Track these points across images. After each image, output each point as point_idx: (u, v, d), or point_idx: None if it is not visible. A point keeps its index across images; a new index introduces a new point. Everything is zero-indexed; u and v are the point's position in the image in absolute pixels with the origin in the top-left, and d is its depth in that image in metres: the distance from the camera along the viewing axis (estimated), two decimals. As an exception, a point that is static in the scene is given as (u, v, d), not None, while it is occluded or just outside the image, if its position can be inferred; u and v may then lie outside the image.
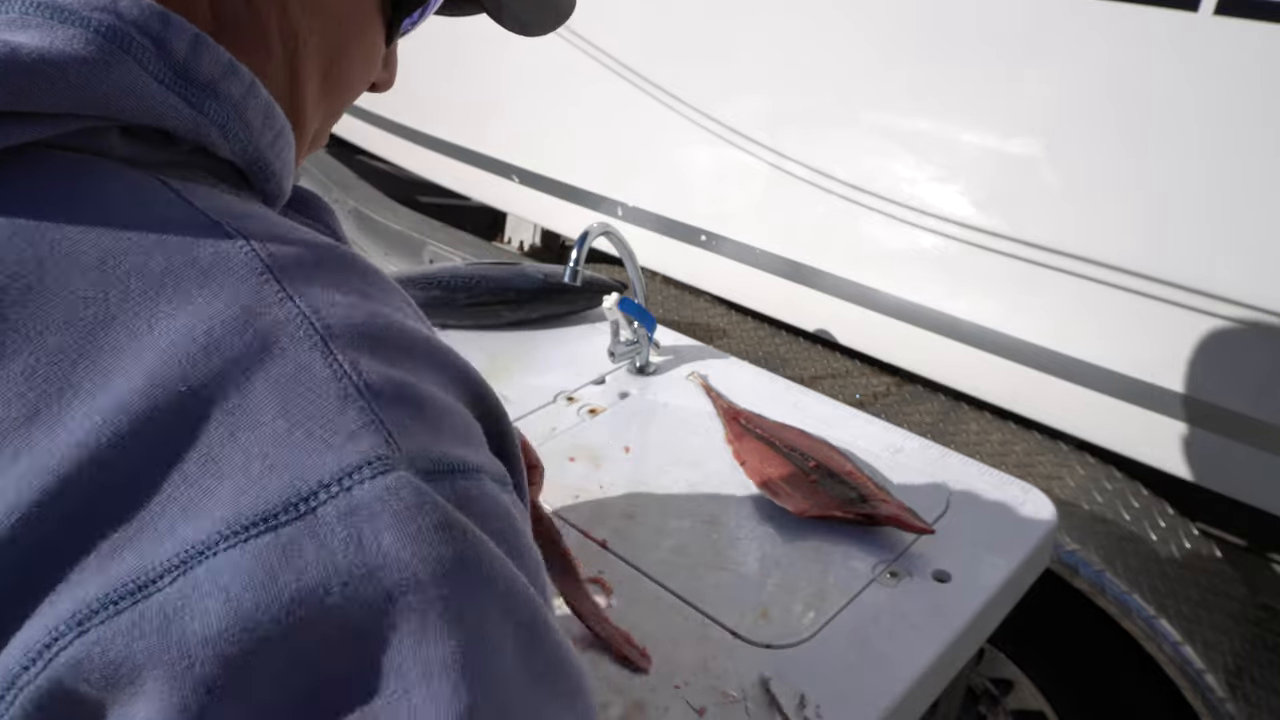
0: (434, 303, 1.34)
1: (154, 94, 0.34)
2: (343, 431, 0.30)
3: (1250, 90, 1.10)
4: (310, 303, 0.33)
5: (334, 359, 0.32)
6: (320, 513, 0.29)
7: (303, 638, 0.27)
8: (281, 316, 0.32)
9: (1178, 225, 1.19)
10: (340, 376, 0.31)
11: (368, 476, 0.30)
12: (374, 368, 0.32)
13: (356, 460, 0.30)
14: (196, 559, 0.28)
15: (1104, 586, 1.19)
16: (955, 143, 1.37)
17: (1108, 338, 1.29)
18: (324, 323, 0.33)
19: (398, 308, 0.37)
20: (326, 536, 0.28)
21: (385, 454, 0.30)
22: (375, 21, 0.46)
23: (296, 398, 0.31)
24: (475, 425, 0.37)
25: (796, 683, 0.77)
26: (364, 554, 0.28)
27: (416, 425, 0.32)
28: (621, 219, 1.88)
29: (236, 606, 0.27)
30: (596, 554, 0.92)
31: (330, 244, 0.37)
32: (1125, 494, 1.34)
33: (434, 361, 0.36)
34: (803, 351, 1.67)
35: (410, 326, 0.36)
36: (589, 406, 1.19)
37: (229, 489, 0.29)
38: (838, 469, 1.01)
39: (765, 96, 1.60)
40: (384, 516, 0.29)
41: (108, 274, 0.31)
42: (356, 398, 0.31)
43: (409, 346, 0.35)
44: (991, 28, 1.29)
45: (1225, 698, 1.14)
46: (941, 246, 1.42)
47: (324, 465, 0.29)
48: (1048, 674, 1.38)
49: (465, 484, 0.33)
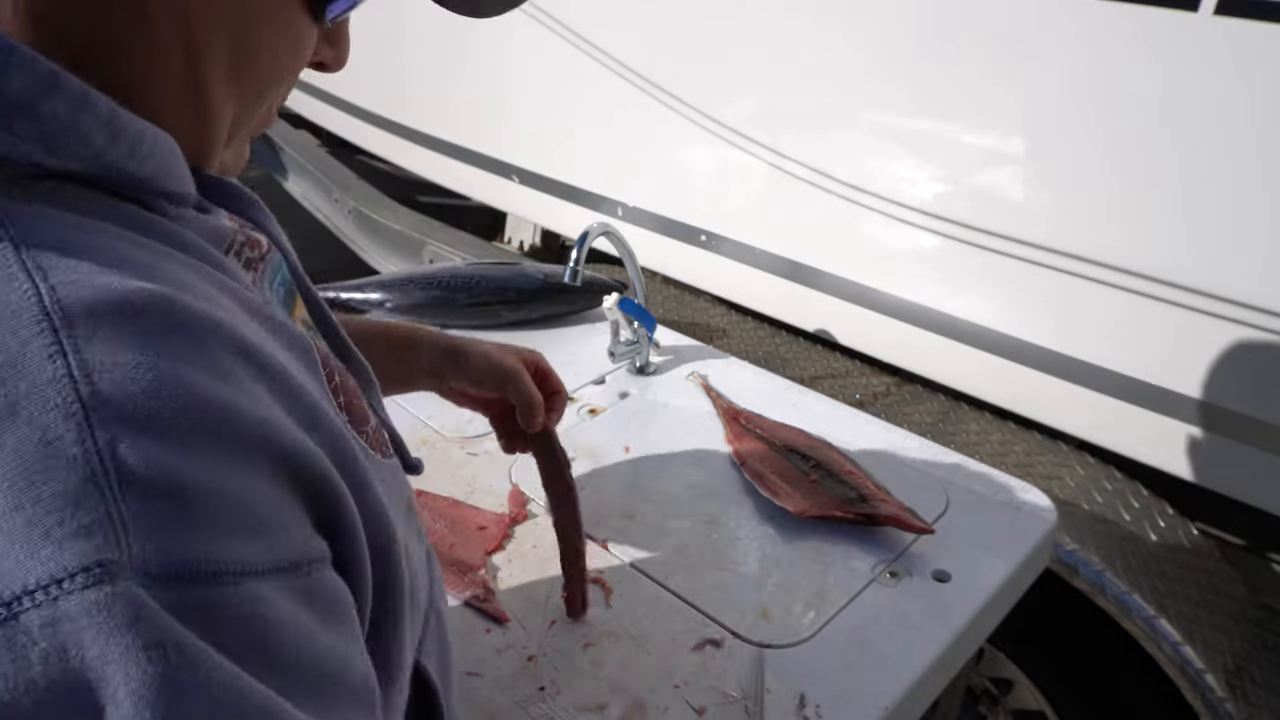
0: (434, 303, 1.35)
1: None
2: (69, 525, 0.27)
3: (1250, 90, 1.10)
4: (84, 362, 0.29)
5: (89, 435, 0.28)
6: (23, 620, 0.26)
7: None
8: (42, 378, 0.29)
9: (1177, 225, 1.19)
10: (89, 457, 0.28)
11: (78, 586, 0.27)
12: (137, 449, 0.29)
13: (73, 565, 0.27)
14: None
15: (1104, 586, 1.19)
16: (955, 143, 1.37)
17: (1108, 338, 1.29)
18: (92, 389, 0.29)
19: (213, 369, 0.33)
20: (25, 647, 0.26)
21: (109, 559, 0.27)
22: (290, 6, 0.42)
23: (31, 475, 0.27)
24: (275, 503, 0.33)
25: (796, 683, 0.77)
26: (65, 670, 0.26)
27: (167, 522, 0.29)
28: (621, 219, 1.88)
29: None
30: (597, 554, 0.92)
31: (164, 294, 0.33)
32: (1125, 494, 1.34)
33: (230, 436, 0.32)
34: (803, 351, 1.67)
35: (205, 398, 0.31)
36: (589, 406, 1.19)
37: None
38: (838, 469, 1.01)
39: (765, 96, 1.60)
40: (89, 631, 0.26)
41: None
42: (101, 485, 0.28)
43: (196, 424, 0.31)
44: (991, 28, 1.29)
45: (1225, 697, 1.14)
46: (941, 246, 1.42)
47: (35, 565, 0.27)
48: (1048, 674, 1.38)
49: (208, 592, 0.29)
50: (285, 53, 0.44)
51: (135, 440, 0.29)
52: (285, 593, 0.32)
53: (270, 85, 0.45)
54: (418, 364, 0.83)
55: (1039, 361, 1.36)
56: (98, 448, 0.28)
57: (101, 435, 0.29)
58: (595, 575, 0.89)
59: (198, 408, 0.31)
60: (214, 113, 0.42)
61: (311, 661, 0.32)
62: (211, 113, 0.42)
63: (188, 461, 0.30)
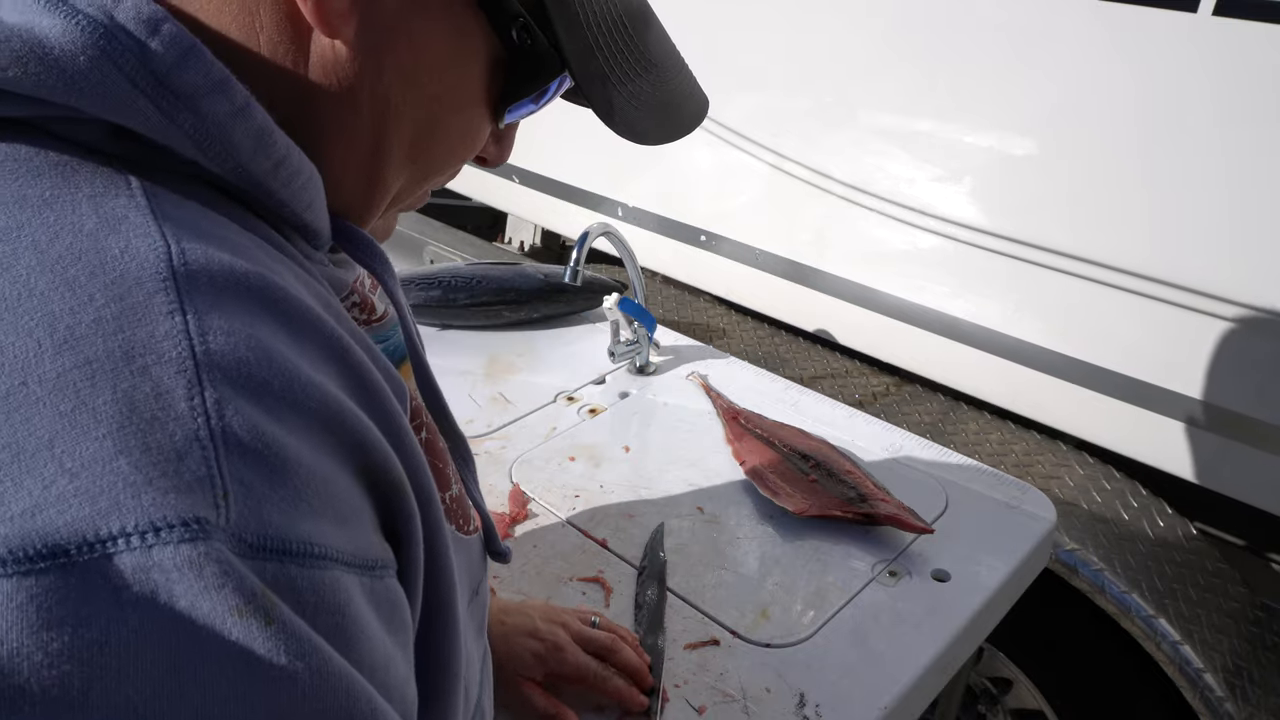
0: (434, 303, 1.35)
1: (123, 95, 0.33)
2: (172, 479, 0.27)
3: (1250, 90, 1.10)
4: (202, 324, 0.30)
5: (199, 393, 0.29)
6: (117, 561, 0.26)
7: (61, 693, 0.25)
8: (160, 330, 0.30)
9: (1177, 225, 1.19)
10: (197, 414, 0.29)
11: (175, 539, 0.27)
12: (243, 414, 0.30)
13: (172, 516, 0.27)
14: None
15: (1103, 586, 1.20)
16: (954, 143, 1.37)
17: (1107, 338, 1.29)
18: (206, 349, 0.30)
19: (310, 353, 0.34)
20: (116, 590, 0.26)
21: (206, 518, 0.28)
22: (478, 105, 0.45)
23: (140, 423, 0.28)
24: (356, 499, 0.34)
25: (796, 682, 0.78)
26: (151, 618, 0.26)
27: (266, 491, 0.29)
28: (621, 219, 1.89)
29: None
30: (597, 554, 0.93)
31: (261, 277, 0.34)
32: (1124, 493, 1.34)
33: (325, 424, 0.33)
34: (803, 351, 1.68)
35: (306, 382, 0.32)
36: (589, 406, 1.19)
37: (22, 502, 0.26)
38: (837, 469, 1.01)
39: (765, 97, 1.60)
40: (179, 585, 0.27)
41: (5, 241, 0.30)
42: (205, 444, 0.28)
43: (298, 403, 0.32)
44: (990, 28, 1.29)
45: (1224, 697, 1.15)
46: (941, 246, 1.43)
47: (136, 509, 0.27)
48: (1047, 673, 1.38)
49: (295, 570, 0.30)
50: (460, 144, 0.47)
51: (241, 406, 0.30)
52: (360, 589, 0.33)
53: (439, 170, 0.48)
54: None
55: (1039, 361, 1.36)
56: (205, 407, 0.29)
57: (210, 395, 0.29)
58: (595, 575, 0.89)
59: (300, 388, 0.32)
60: (385, 185, 0.45)
61: (375, 667, 0.32)
62: (383, 184, 0.45)
63: (288, 436, 0.31)
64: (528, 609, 0.78)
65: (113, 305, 0.30)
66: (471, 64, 0.44)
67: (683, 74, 0.53)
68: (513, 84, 0.45)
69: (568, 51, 0.44)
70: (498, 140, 0.51)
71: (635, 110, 0.48)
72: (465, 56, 0.43)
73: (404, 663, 0.35)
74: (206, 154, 0.35)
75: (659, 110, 0.50)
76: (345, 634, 0.31)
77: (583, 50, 0.45)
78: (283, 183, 0.38)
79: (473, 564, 0.51)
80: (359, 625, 0.32)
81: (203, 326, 0.30)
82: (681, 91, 0.53)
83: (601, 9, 0.46)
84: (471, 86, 0.44)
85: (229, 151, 0.36)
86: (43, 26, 0.32)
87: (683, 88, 0.53)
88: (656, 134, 0.51)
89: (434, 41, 0.42)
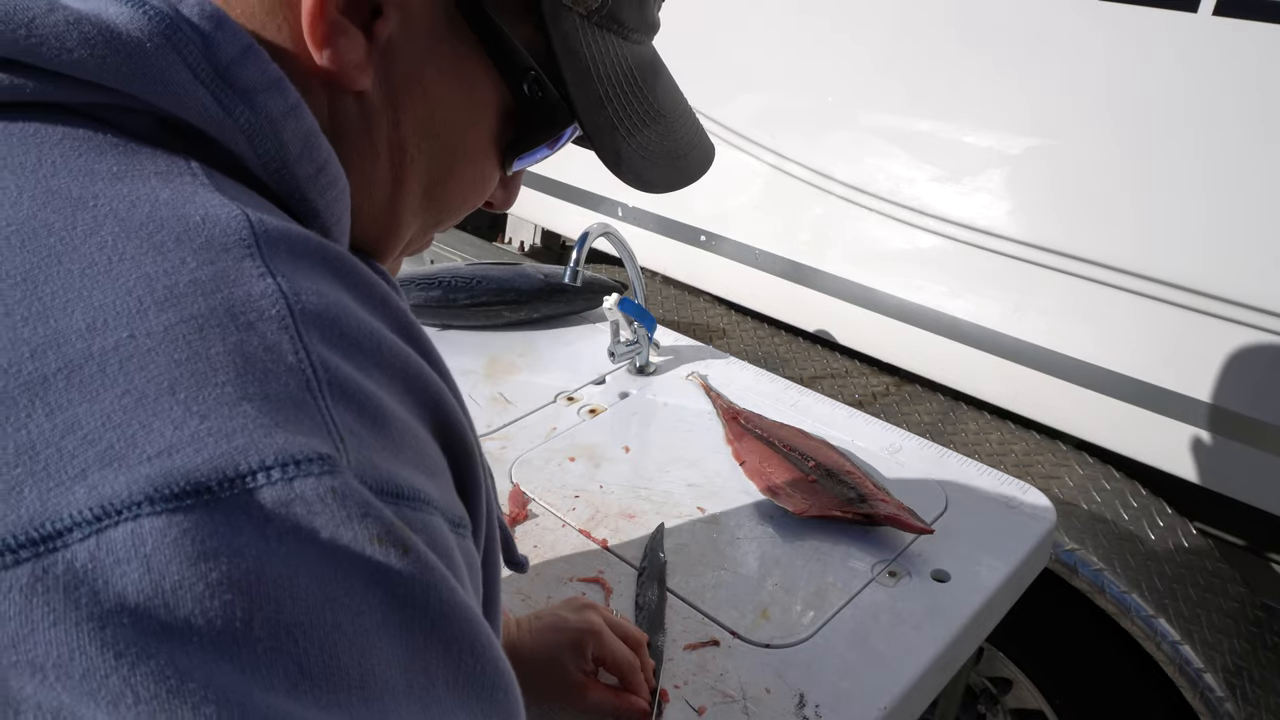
0: (434, 303, 1.35)
1: (183, 84, 0.34)
2: (294, 421, 0.28)
3: (1249, 91, 1.10)
4: (294, 285, 0.31)
5: (303, 348, 0.30)
6: (259, 495, 0.27)
7: (225, 624, 0.25)
8: (257, 291, 0.31)
9: (1176, 225, 1.19)
10: (304, 366, 0.30)
11: (314, 472, 0.28)
12: (343, 369, 0.31)
13: (310, 450, 0.28)
14: (114, 518, 0.25)
15: (1103, 586, 1.20)
16: (954, 143, 1.37)
17: (1107, 338, 1.30)
18: (302, 308, 0.31)
19: (382, 321, 0.35)
20: (263, 522, 0.26)
21: (332, 455, 0.28)
22: (489, 153, 0.46)
23: (255, 372, 0.29)
24: (439, 458, 0.35)
25: (796, 682, 0.78)
26: (300, 548, 0.27)
27: (372, 439, 0.31)
28: (621, 219, 1.89)
29: (158, 581, 0.25)
30: (597, 554, 0.93)
31: (332, 247, 0.36)
32: (1124, 493, 1.34)
33: (407, 382, 0.34)
34: (803, 351, 1.68)
35: (389, 341, 0.34)
36: (589, 406, 1.19)
37: (156, 443, 0.26)
38: (837, 469, 1.01)
39: (765, 97, 1.60)
40: (324, 515, 0.27)
41: (84, 209, 0.31)
42: (317, 393, 0.30)
43: (384, 360, 0.33)
44: (991, 29, 1.29)
45: (1224, 697, 1.15)
46: (941, 247, 1.43)
47: (270, 445, 0.27)
48: (1047, 673, 1.38)
49: (410, 513, 0.31)
50: (472, 191, 0.48)
51: (338, 361, 0.31)
52: (454, 542, 0.33)
53: (451, 216, 0.49)
54: None
55: (1039, 361, 1.36)
56: (310, 360, 0.30)
57: (313, 349, 0.30)
58: (595, 575, 0.89)
59: (386, 348, 0.34)
60: (401, 230, 0.46)
61: (465, 614, 0.32)
62: (400, 230, 0.46)
63: (382, 390, 0.32)
64: (546, 611, 0.78)
65: (206, 268, 0.30)
66: (484, 115, 0.45)
67: (689, 123, 0.55)
68: (524, 134, 0.47)
69: (578, 104, 0.45)
70: (505, 186, 0.53)
71: (642, 160, 0.50)
72: (479, 108, 0.44)
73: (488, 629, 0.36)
74: (258, 150, 0.36)
75: (665, 160, 0.51)
76: (457, 576, 0.32)
77: (593, 102, 0.46)
78: (320, 191, 0.39)
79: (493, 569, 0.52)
80: (461, 573, 0.33)
81: (294, 288, 0.31)
82: (688, 141, 0.54)
83: (612, 61, 0.47)
84: (484, 136, 0.46)
85: (278, 150, 0.37)
86: (111, 14, 0.33)
87: (689, 137, 0.54)
88: (663, 183, 0.52)
89: (448, 93, 0.43)
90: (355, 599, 0.27)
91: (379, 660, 0.28)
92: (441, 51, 0.42)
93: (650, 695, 0.75)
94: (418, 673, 0.29)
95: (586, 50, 0.45)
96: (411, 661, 0.29)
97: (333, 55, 0.38)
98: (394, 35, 0.40)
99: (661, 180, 0.52)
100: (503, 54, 0.43)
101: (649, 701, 0.74)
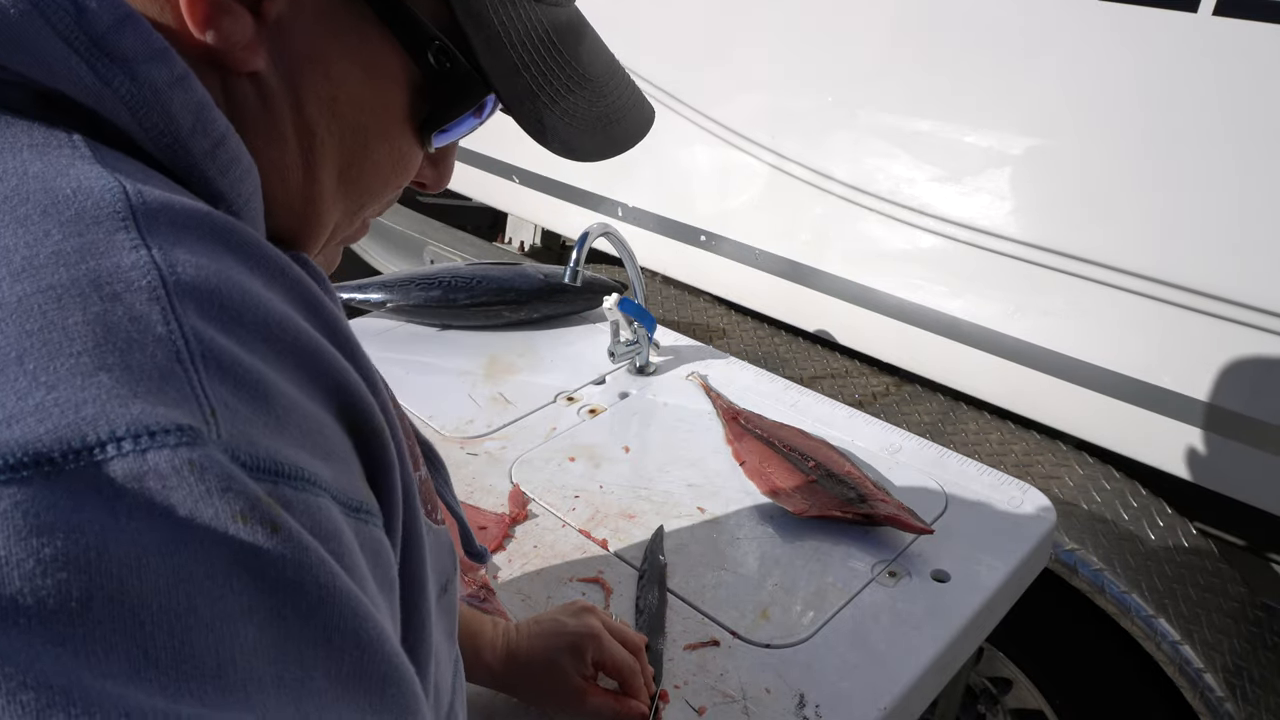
0: (434, 303, 1.35)
1: (54, 53, 0.32)
2: (157, 393, 0.27)
3: (1249, 90, 1.10)
4: (169, 257, 0.30)
5: (174, 319, 0.28)
6: (108, 467, 0.25)
7: (59, 603, 0.23)
8: (128, 262, 0.29)
9: (1177, 225, 1.19)
10: (174, 337, 0.28)
11: (170, 443, 0.26)
12: (219, 342, 0.29)
13: (166, 421, 0.26)
14: None
15: (1103, 586, 1.20)
16: (955, 143, 1.37)
17: (1107, 338, 1.29)
18: (177, 280, 0.29)
19: (283, 297, 0.33)
20: (111, 497, 0.25)
21: (196, 427, 0.27)
22: (403, 130, 0.44)
23: (117, 342, 0.27)
24: (338, 439, 0.33)
25: (796, 682, 0.78)
26: (149, 527, 0.25)
27: (250, 413, 0.29)
28: (621, 219, 1.89)
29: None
30: (597, 555, 0.93)
31: (224, 219, 0.33)
32: (1124, 493, 1.34)
33: (299, 359, 0.32)
34: (803, 351, 1.68)
35: (281, 316, 0.32)
36: (589, 406, 1.19)
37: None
38: (837, 469, 1.01)
39: (765, 97, 1.60)
40: (180, 490, 0.26)
41: None
42: (187, 365, 0.28)
43: (271, 335, 0.31)
44: (991, 29, 1.29)
45: (1224, 697, 1.15)
46: (941, 247, 1.43)
47: (123, 415, 0.26)
48: (1047, 673, 1.38)
49: (290, 492, 0.29)
50: (392, 172, 0.46)
51: (216, 334, 0.29)
52: (349, 529, 0.31)
53: (374, 198, 0.47)
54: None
55: (1039, 361, 1.36)
56: (183, 331, 0.28)
57: (186, 321, 0.29)
58: (595, 576, 0.89)
59: (275, 323, 0.31)
60: (321, 218, 0.44)
61: (356, 606, 0.31)
62: (320, 218, 0.44)
63: (265, 365, 0.30)
64: (545, 616, 0.77)
65: (72, 240, 0.29)
66: (392, 91, 0.43)
67: (623, 87, 0.52)
68: (438, 108, 0.44)
69: (490, 72, 0.43)
70: (434, 164, 0.50)
71: (569, 127, 0.47)
72: (385, 84, 0.42)
73: (391, 621, 0.34)
74: (143, 124, 0.34)
75: (596, 126, 0.49)
76: (343, 564, 0.30)
77: (507, 69, 0.43)
78: (221, 169, 0.37)
79: (441, 554, 0.49)
80: (354, 560, 0.30)
81: (170, 259, 0.30)
82: (621, 105, 0.51)
83: (525, 26, 0.44)
84: (395, 114, 0.43)
85: (166, 123, 0.34)
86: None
87: (622, 101, 0.51)
88: (594, 150, 0.49)
89: (351, 71, 0.41)
90: (215, 580, 0.25)
91: (241, 647, 0.26)
92: (340, 28, 0.40)
93: (650, 699, 0.75)
94: (290, 663, 0.27)
95: (494, 15, 0.43)
96: (282, 650, 0.27)
97: (217, 36, 0.36)
98: (283, 14, 0.38)
99: (593, 148, 0.49)
100: (404, 26, 0.40)
101: (648, 706, 0.74)
